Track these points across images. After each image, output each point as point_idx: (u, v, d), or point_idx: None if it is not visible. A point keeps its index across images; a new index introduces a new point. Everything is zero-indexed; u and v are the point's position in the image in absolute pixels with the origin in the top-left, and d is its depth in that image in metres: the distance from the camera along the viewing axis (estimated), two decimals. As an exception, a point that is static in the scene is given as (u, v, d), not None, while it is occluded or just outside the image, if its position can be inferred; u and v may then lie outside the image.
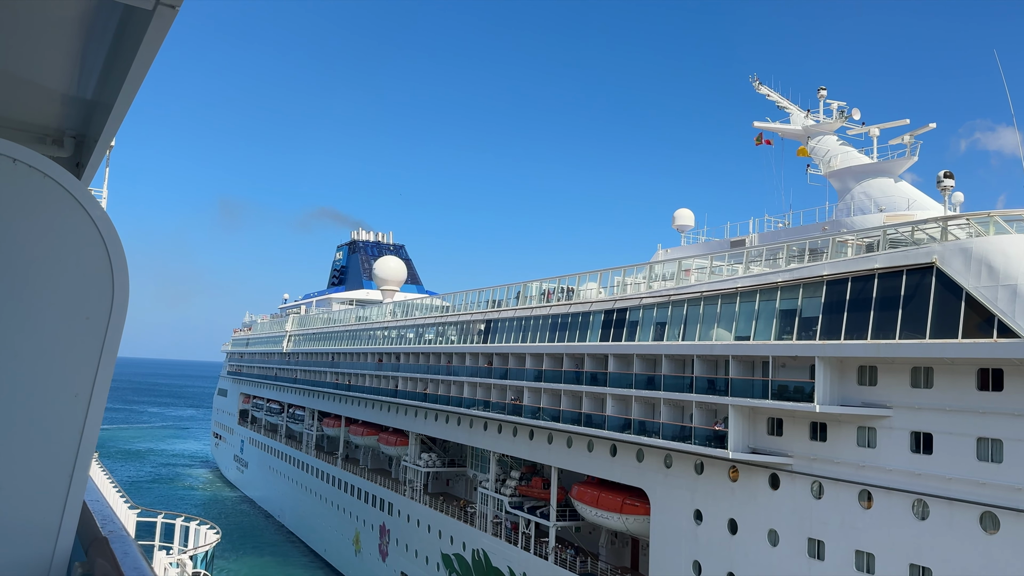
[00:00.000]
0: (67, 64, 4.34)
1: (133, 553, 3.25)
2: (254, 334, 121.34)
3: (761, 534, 31.85)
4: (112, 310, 3.59)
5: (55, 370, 3.55)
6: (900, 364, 26.72)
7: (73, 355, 3.56)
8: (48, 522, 3.49)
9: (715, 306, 34.75)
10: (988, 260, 23.88)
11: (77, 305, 3.55)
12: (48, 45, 4.08)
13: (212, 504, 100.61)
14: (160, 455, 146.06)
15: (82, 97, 4.73)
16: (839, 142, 44.59)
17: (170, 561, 37.32)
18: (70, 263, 3.53)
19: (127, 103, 4.29)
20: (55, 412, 3.55)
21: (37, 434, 3.53)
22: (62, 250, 3.52)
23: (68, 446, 3.51)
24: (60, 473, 3.52)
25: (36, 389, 3.52)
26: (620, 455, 40.24)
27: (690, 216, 53.27)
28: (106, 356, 3.60)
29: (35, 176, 3.41)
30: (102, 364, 3.60)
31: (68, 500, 3.53)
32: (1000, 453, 23.55)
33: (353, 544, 71.37)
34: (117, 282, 3.60)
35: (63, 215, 3.49)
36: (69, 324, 3.54)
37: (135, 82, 4.02)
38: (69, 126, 5.20)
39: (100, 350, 3.59)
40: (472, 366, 53.84)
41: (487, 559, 50.32)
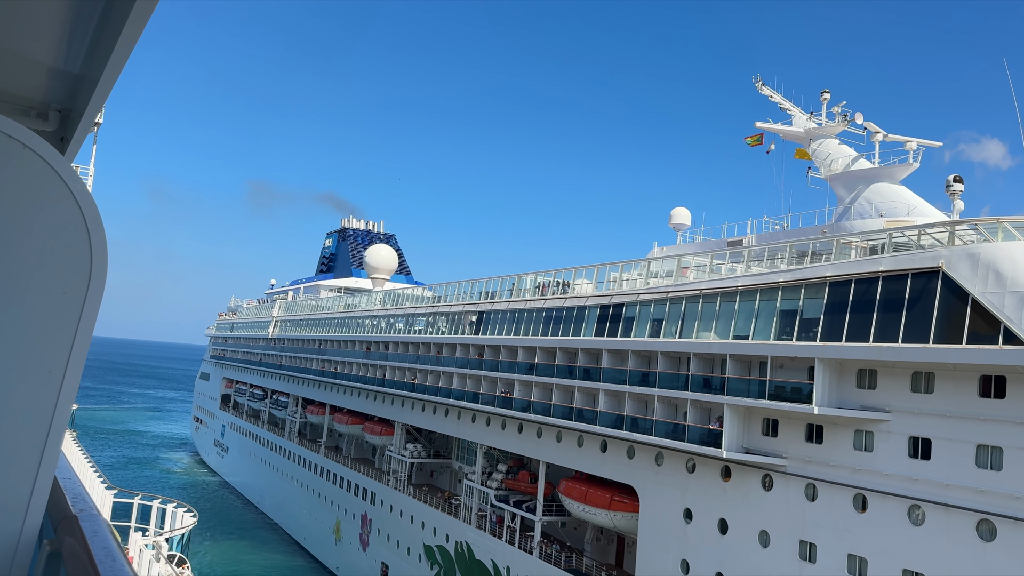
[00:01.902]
0: (54, 36, 4.29)
1: (103, 532, 3.14)
2: (239, 319, 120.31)
3: (752, 535, 31.64)
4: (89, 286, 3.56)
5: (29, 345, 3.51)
6: (901, 368, 26.53)
7: (48, 330, 3.52)
8: (17, 499, 3.43)
9: (714, 304, 34.48)
10: (996, 266, 23.70)
11: (54, 280, 3.51)
12: (36, 16, 4.03)
13: (190, 488, 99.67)
14: (139, 436, 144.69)
15: (69, 71, 4.68)
16: (840, 145, 44.44)
17: (145, 543, 36.79)
18: (49, 237, 3.50)
19: (113, 78, 4.26)
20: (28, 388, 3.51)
21: (8, 409, 3.48)
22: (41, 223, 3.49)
23: (40, 423, 3.47)
24: (31, 450, 3.48)
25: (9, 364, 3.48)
26: (610, 451, 39.95)
27: (687, 215, 53.09)
28: (82, 333, 3.57)
29: (15, 147, 3.38)
30: (77, 341, 3.57)
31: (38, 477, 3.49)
32: (1000, 461, 23.40)
33: (333, 533, 70.82)
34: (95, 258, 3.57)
35: (44, 188, 3.46)
36: (45, 299, 3.50)
37: (121, 57, 3.97)
38: (55, 100, 5.13)
39: (76, 326, 3.55)
40: (462, 357, 53.39)
41: (470, 552, 49.95)
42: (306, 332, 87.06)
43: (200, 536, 72.59)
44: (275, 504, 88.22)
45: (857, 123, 44.21)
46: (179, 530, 55.95)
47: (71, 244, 3.52)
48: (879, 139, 42.05)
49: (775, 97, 49.35)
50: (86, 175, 36.64)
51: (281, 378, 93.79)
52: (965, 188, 33.40)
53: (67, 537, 3.25)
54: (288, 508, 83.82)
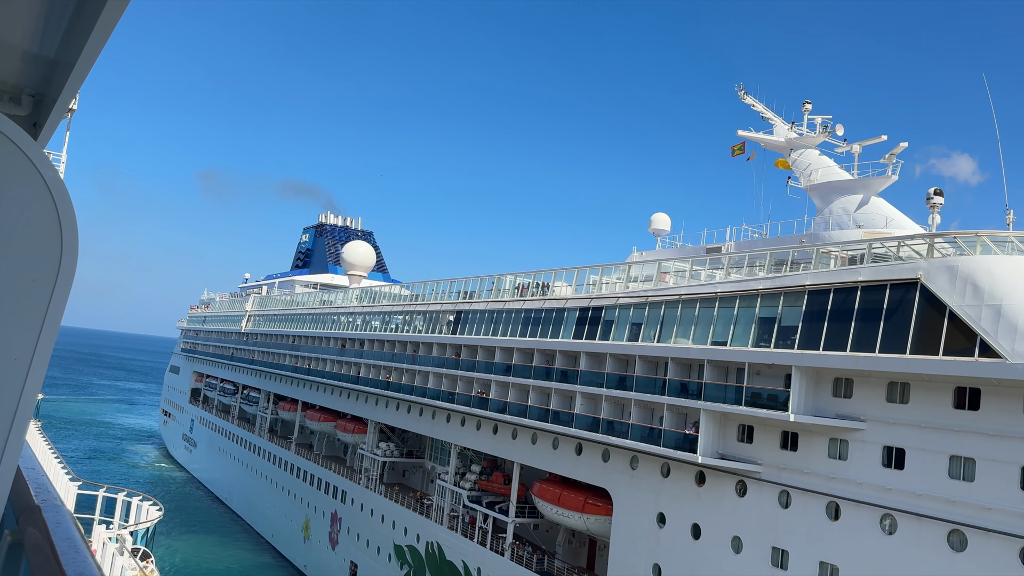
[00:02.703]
0: (30, 19, 4.16)
1: (66, 523, 3.03)
2: (212, 312, 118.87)
3: (725, 540, 31.74)
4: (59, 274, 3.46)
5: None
6: (877, 378, 26.76)
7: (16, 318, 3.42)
8: None
9: (693, 309, 34.57)
10: (974, 279, 23.98)
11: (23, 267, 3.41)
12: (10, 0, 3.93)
13: (156, 482, 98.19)
14: (106, 428, 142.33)
15: (44, 55, 4.57)
16: (820, 156, 44.84)
17: (109, 536, 36.16)
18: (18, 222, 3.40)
19: (89, 63, 4.14)
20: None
21: None
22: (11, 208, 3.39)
23: (4, 412, 3.38)
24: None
25: None
26: (586, 454, 39.92)
27: (666, 220, 53.28)
28: (50, 321, 3.46)
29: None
30: (45, 329, 3.46)
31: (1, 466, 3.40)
32: (972, 472, 23.66)
33: (302, 531, 70.10)
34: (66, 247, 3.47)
35: (14, 174, 3.37)
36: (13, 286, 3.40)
37: (99, 42, 3.86)
38: (28, 84, 5.00)
39: (44, 314, 3.44)
40: (439, 356, 53.11)
41: (441, 552, 49.66)
42: (280, 327, 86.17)
43: (165, 531, 71.54)
44: (243, 500, 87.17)
45: (837, 134, 44.67)
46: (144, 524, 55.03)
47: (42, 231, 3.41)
48: (857, 150, 42.50)
49: (757, 106, 49.70)
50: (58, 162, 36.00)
51: (253, 373, 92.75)
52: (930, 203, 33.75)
53: (29, 528, 3.13)
54: (257, 505, 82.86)
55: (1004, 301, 23.05)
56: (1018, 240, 25.22)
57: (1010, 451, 22.76)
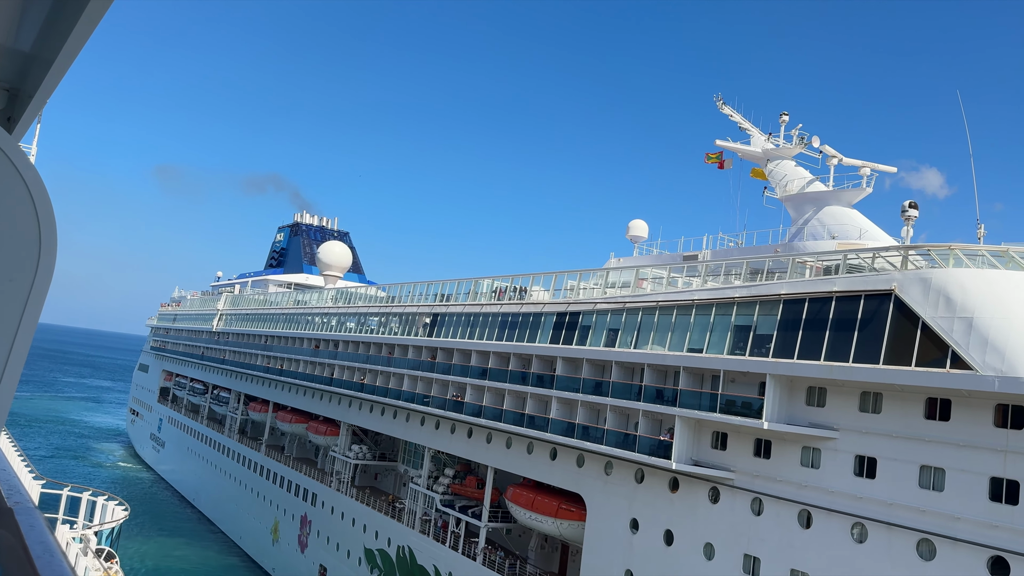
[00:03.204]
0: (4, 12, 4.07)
1: (40, 527, 2.96)
2: (183, 310, 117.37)
3: (697, 547, 31.89)
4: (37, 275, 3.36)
5: None
6: (850, 387, 27.06)
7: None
8: None
9: (670, 316, 34.75)
10: (946, 292, 24.35)
11: None
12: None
13: (123, 482, 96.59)
14: (71, 426, 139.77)
15: (20, 49, 4.49)
16: (796, 167, 45.37)
17: (73, 536, 35.49)
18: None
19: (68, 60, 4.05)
20: None
21: None
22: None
23: None
24: None
25: None
26: (560, 459, 39.92)
27: (644, 227, 53.58)
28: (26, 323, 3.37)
29: None
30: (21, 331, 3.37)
31: None
32: (942, 482, 24.00)
33: (271, 533, 69.32)
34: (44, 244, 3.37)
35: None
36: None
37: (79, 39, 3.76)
38: (3, 78, 4.95)
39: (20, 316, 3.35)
40: (414, 359, 52.84)
41: (412, 557, 49.36)
42: (253, 327, 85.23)
43: (131, 532, 70.34)
44: (211, 502, 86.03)
45: (814, 146, 45.21)
46: (109, 524, 54.00)
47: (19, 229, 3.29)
48: (834, 163, 43.03)
49: (735, 116, 50.20)
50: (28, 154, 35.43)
51: (223, 373, 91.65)
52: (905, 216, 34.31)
53: (2, 531, 3.05)
54: (225, 506, 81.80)
55: (975, 314, 23.44)
56: (990, 254, 25.67)
57: (979, 462, 23.12)
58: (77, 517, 40.90)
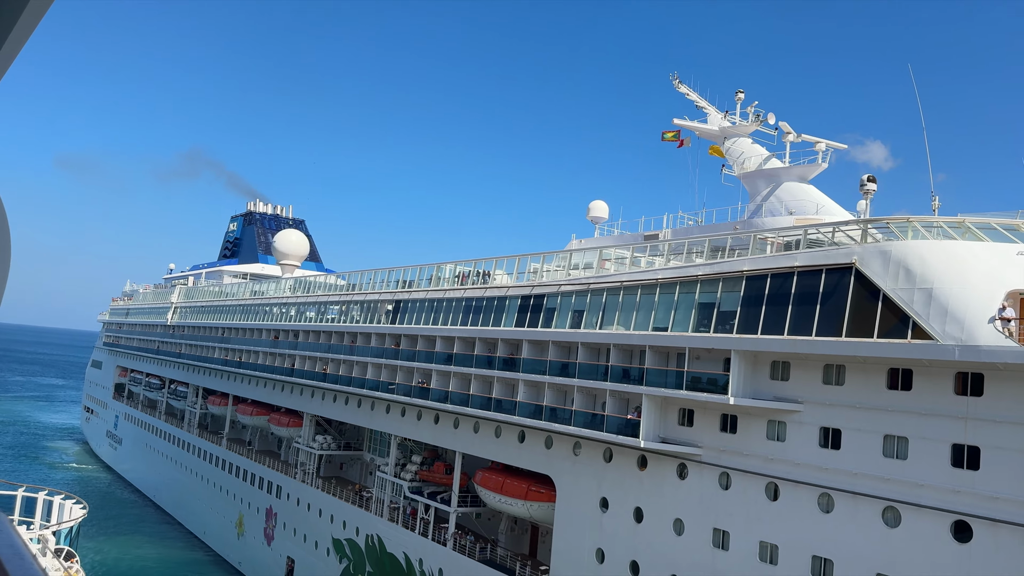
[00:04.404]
0: None
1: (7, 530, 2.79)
2: (135, 304, 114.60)
3: (667, 523, 32.21)
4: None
5: None
6: (814, 360, 27.45)
7: None
8: None
9: (634, 296, 34.85)
10: (906, 263, 24.77)
11: None
12: None
13: (80, 481, 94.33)
14: (23, 426, 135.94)
15: None
16: (753, 144, 45.73)
17: (31, 537, 34.54)
18: None
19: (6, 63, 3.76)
20: None
21: None
22: None
23: None
24: None
25: None
26: (528, 441, 39.94)
27: (604, 208, 53.62)
28: None
29: None
30: None
31: None
32: (905, 450, 24.51)
33: (236, 527, 68.40)
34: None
35: None
36: None
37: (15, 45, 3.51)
38: None
39: None
40: (378, 347, 52.30)
41: (382, 545, 49.12)
42: (209, 319, 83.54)
43: (91, 531, 68.76)
44: (172, 498, 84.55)
45: (769, 123, 45.58)
46: (67, 523, 52.58)
47: None
48: (790, 139, 43.47)
49: (691, 95, 50.34)
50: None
51: (180, 367, 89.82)
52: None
53: None
54: (187, 502, 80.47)
55: (935, 284, 23.89)
56: (947, 225, 26.16)
57: (941, 429, 23.65)
58: (33, 518, 39.81)
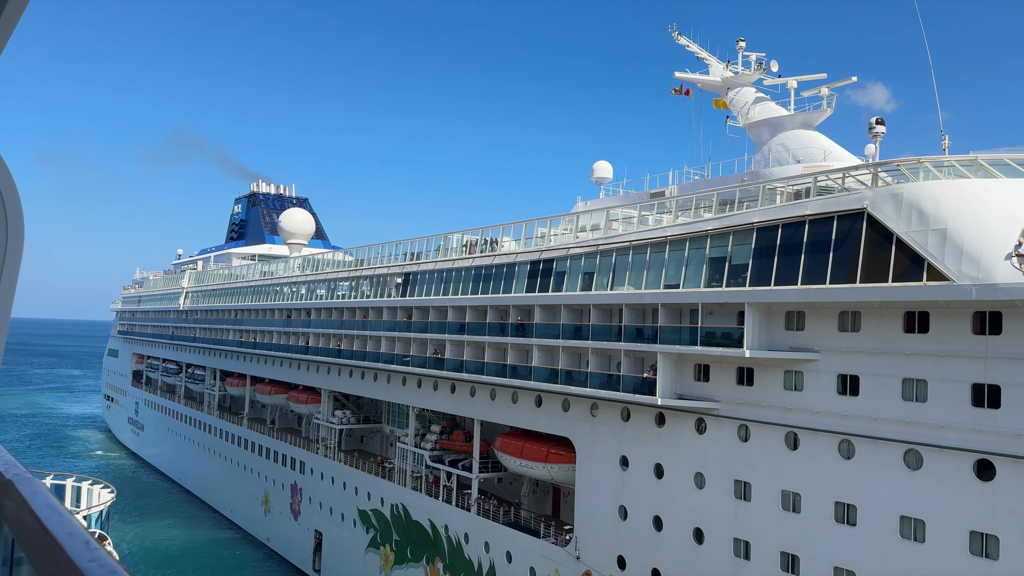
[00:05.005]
0: None
1: (43, 492, 2.88)
2: (146, 291, 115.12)
3: (688, 478, 32.41)
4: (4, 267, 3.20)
5: None
6: (828, 308, 27.32)
7: None
8: None
9: (644, 255, 34.69)
10: (919, 205, 24.48)
11: None
12: None
13: (106, 468, 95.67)
14: (46, 418, 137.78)
15: None
16: (757, 93, 45.09)
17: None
18: None
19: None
20: None
21: None
22: None
23: None
24: None
25: None
26: (545, 405, 40.14)
27: (609, 168, 53.28)
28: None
29: None
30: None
31: None
32: (925, 393, 24.47)
33: (262, 504, 69.39)
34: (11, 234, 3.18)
35: None
36: None
37: None
38: None
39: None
40: (390, 320, 52.44)
41: (407, 513, 49.75)
42: (220, 302, 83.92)
43: (120, 515, 70.02)
44: (198, 480, 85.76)
45: (772, 71, 44.91)
46: (97, 507, 53.59)
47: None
48: (793, 86, 42.83)
49: (692, 47, 49.51)
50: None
51: (196, 351, 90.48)
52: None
53: (6, 500, 2.93)
54: (212, 483, 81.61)
55: (949, 225, 23.62)
56: (959, 164, 25.79)
57: (960, 370, 23.57)
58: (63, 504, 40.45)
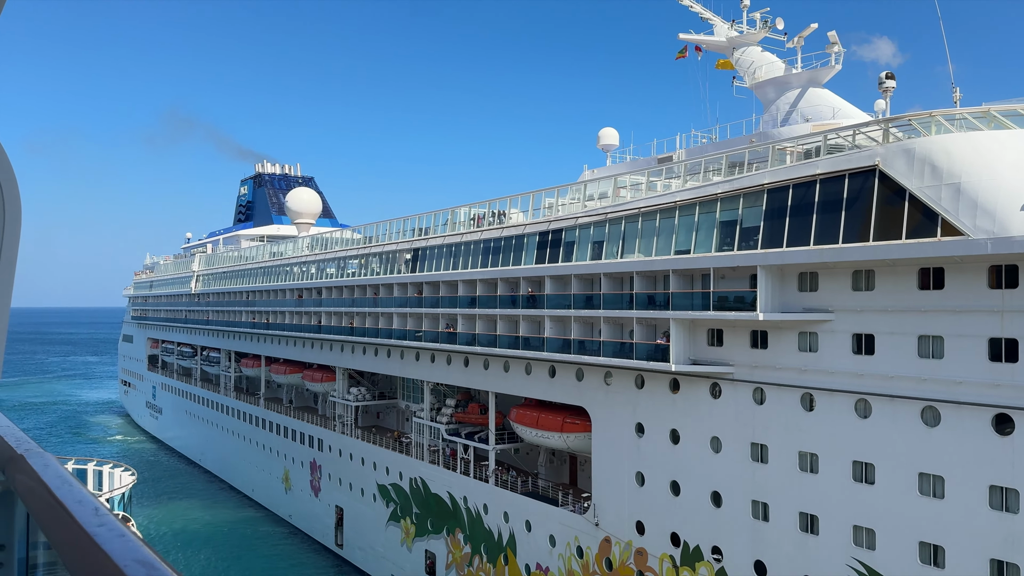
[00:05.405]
0: None
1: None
2: (157, 276, 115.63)
3: (704, 442, 32.47)
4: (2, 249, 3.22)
5: None
6: (842, 268, 27.11)
7: None
8: None
9: (653, 221, 34.45)
10: (931, 160, 24.13)
11: None
12: None
13: (126, 452, 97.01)
14: (64, 405, 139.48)
15: None
16: (763, 52, 44.41)
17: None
18: None
19: None
20: None
21: None
22: None
23: None
24: None
25: None
26: (559, 375, 40.20)
27: (615, 135, 52.71)
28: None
29: None
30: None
31: None
32: (941, 349, 24.32)
33: (283, 482, 70.20)
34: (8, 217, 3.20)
35: None
36: None
37: None
38: None
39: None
40: (401, 296, 52.52)
41: (426, 486, 50.20)
42: (232, 284, 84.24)
43: (143, 498, 71.07)
44: (218, 460, 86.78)
45: (778, 28, 44.17)
46: (119, 489, 54.31)
47: None
48: (800, 43, 42.15)
49: (695, 7, 48.70)
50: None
51: (210, 333, 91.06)
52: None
53: (18, 475, 2.99)
54: (232, 463, 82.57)
55: (963, 178, 23.30)
56: (971, 116, 25.36)
57: (976, 325, 23.39)
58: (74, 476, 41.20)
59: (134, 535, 2.07)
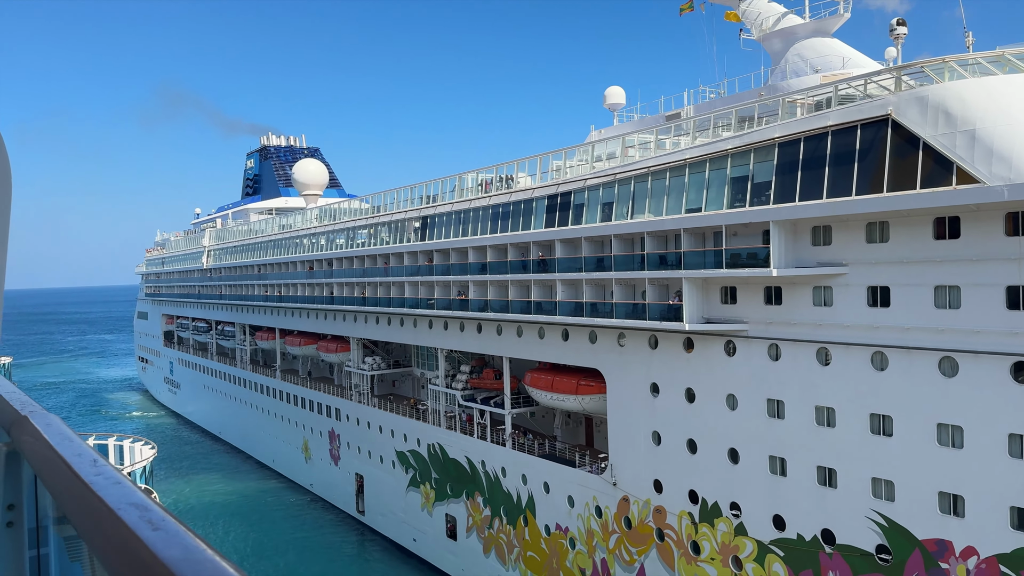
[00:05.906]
0: None
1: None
2: (169, 253, 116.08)
3: (720, 400, 32.52)
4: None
5: None
6: (855, 221, 26.81)
7: None
8: None
9: (663, 180, 34.12)
10: (945, 107, 23.67)
11: None
12: None
13: (147, 428, 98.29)
14: (83, 383, 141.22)
15: None
16: (770, 3, 43.51)
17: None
18: None
19: None
20: None
21: None
22: None
23: None
24: None
25: None
26: (573, 339, 40.24)
27: (621, 94, 52.02)
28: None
29: None
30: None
31: None
32: (958, 299, 24.12)
33: (302, 452, 71.09)
34: None
35: None
36: None
37: None
38: None
39: None
40: (411, 265, 52.51)
41: (444, 452, 50.69)
42: (243, 258, 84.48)
43: (164, 471, 72.14)
44: (238, 433, 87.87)
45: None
46: (140, 463, 55.03)
47: None
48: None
49: (699, -41, 47.70)
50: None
51: (224, 308, 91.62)
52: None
53: (23, 436, 3.06)
54: (252, 435, 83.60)
55: (978, 125, 22.86)
56: (985, 61, 24.81)
57: (993, 273, 23.14)
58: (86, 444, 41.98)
59: (130, 482, 2.13)
